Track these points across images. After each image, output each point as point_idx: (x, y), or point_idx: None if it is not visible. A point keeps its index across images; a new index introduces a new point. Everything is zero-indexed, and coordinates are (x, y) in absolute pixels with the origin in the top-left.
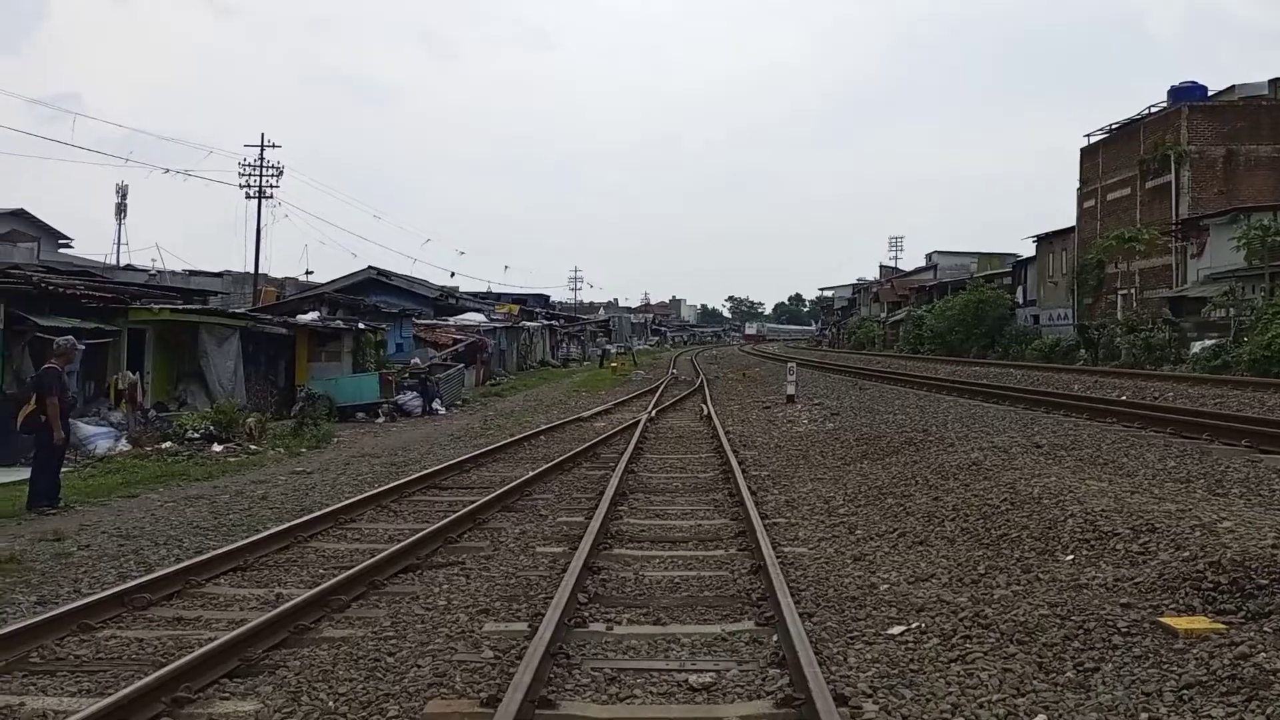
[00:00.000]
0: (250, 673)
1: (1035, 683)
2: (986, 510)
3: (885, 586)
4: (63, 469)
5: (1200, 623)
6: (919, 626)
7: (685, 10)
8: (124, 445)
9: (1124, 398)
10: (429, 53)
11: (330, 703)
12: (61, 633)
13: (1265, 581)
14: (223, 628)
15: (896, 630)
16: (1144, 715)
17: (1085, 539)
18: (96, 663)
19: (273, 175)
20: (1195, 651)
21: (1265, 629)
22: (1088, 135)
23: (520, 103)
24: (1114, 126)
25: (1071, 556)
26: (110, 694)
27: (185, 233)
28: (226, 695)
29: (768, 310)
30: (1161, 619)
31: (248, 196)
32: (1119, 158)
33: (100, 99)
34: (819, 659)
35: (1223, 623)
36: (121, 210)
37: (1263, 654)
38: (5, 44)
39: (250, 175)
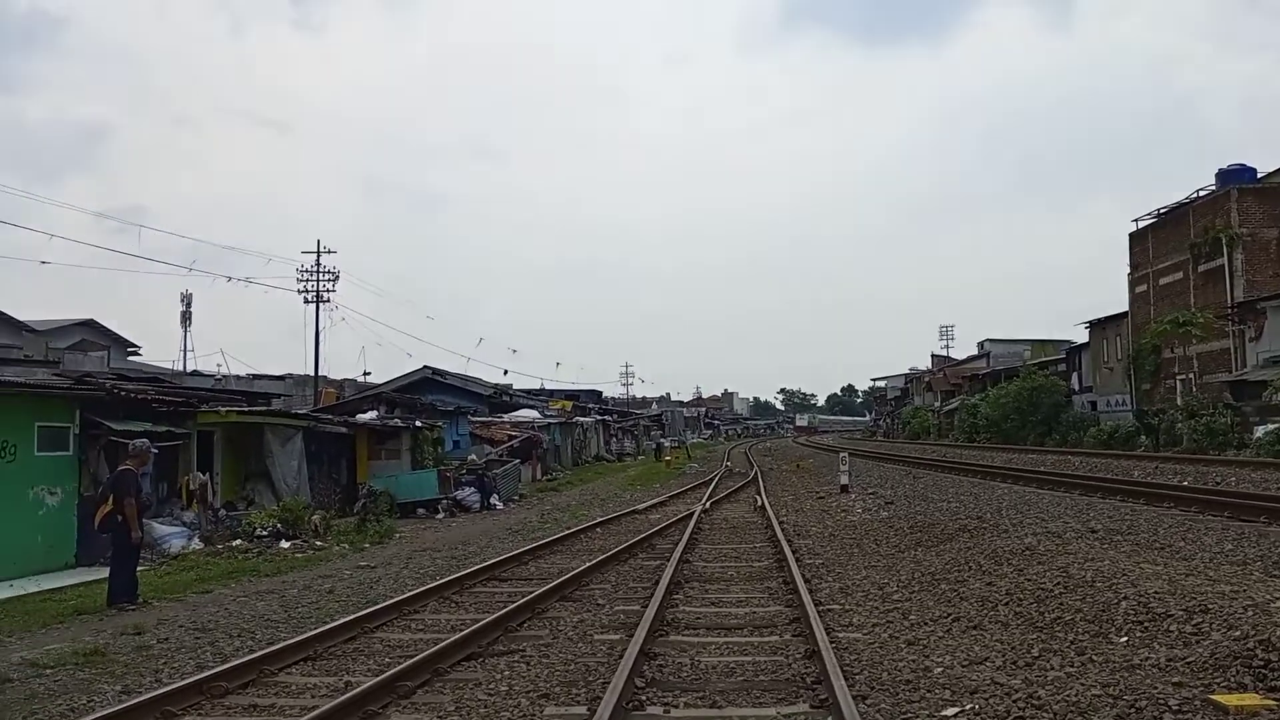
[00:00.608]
0: None
1: None
2: (1040, 594)
3: (939, 670)
4: (139, 567)
5: (1251, 699)
6: (973, 708)
7: (721, 131)
8: (196, 544)
9: (1185, 483)
10: (477, 158)
11: None
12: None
13: None
14: (295, 714)
15: (950, 712)
16: None
17: (1139, 620)
18: None
19: (329, 280)
20: None
21: None
22: (1135, 220)
23: (569, 201)
24: (1162, 211)
25: (1125, 638)
26: None
27: (247, 338)
28: None
29: (820, 401)
30: (1213, 696)
31: (305, 301)
32: (1169, 242)
33: (164, 211)
34: None
35: (1274, 699)
36: (186, 318)
37: None
38: (76, 163)
39: (307, 281)
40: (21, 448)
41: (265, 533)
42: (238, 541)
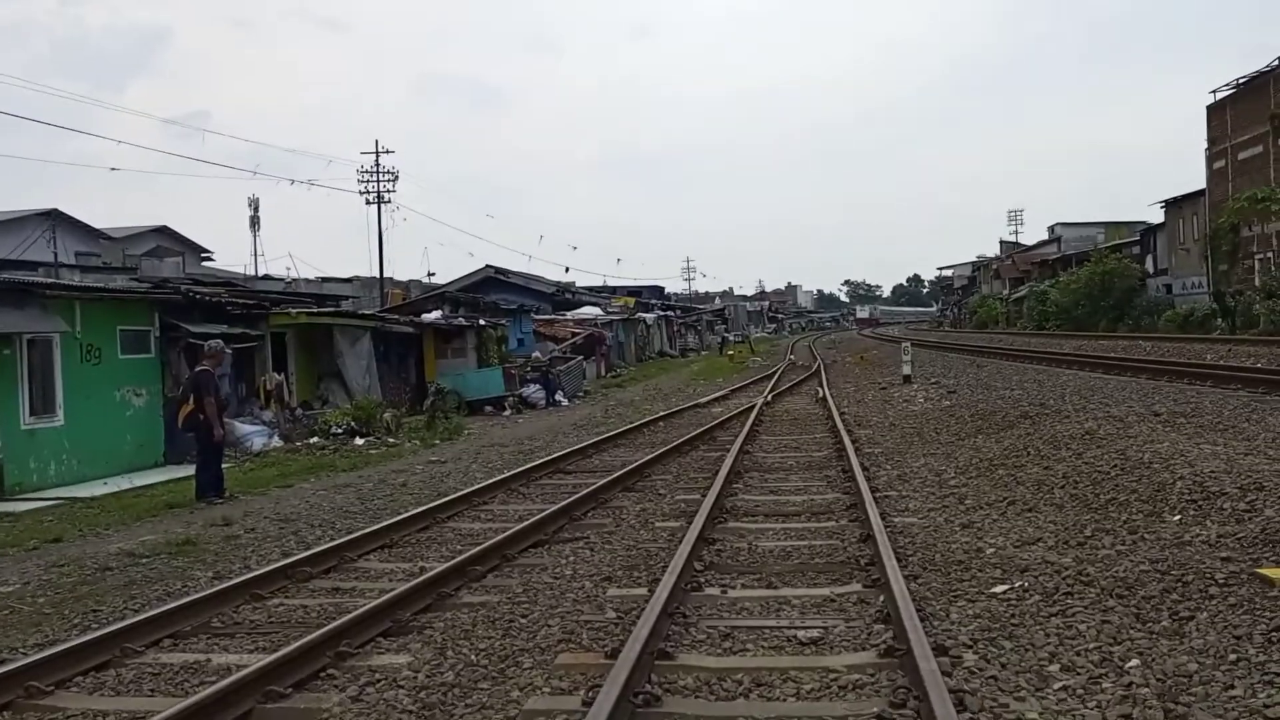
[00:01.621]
0: (401, 632)
1: (1131, 632)
2: (1096, 477)
3: (991, 551)
4: (223, 463)
5: None
6: (1022, 585)
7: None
8: (276, 441)
9: (1261, 365)
10: (537, 54)
11: (472, 656)
12: (237, 601)
13: None
14: (375, 595)
15: (1000, 589)
16: (1232, 655)
17: (1193, 499)
18: (268, 625)
19: (389, 180)
20: None
21: None
22: (1213, 92)
23: (625, 99)
24: (1241, 81)
25: (1178, 517)
26: (282, 649)
27: (314, 241)
28: (382, 651)
29: (886, 293)
30: (1260, 570)
31: (367, 203)
32: (1249, 114)
33: (226, 116)
34: (921, 615)
35: None
36: (255, 222)
37: None
38: (137, 64)
39: (368, 182)
40: (106, 350)
41: (340, 430)
42: (314, 439)
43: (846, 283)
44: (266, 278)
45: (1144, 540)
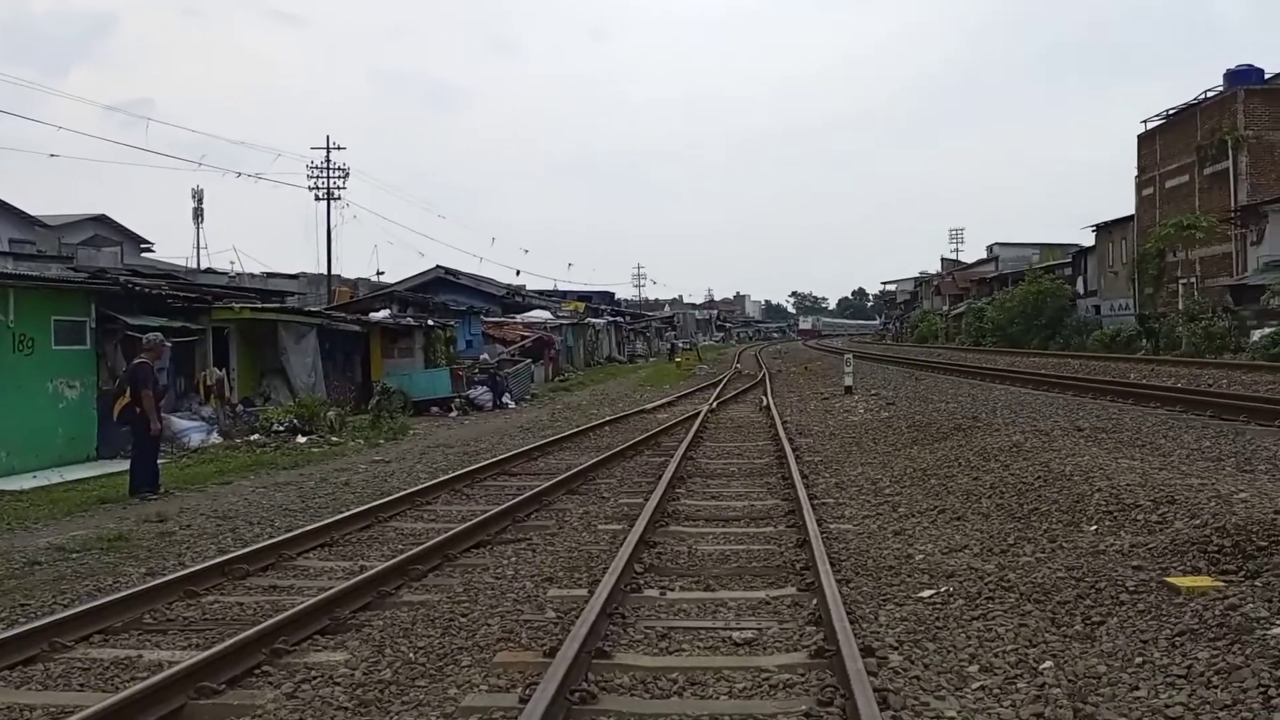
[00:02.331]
0: (339, 630)
1: (1047, 635)
2: (1021, 488)
3: (920, 557)
4: (159, 458)
5: (1202, 581)
6: (947, 590)
7: (750, 10)
8: (215, 438)
9: (1178, 385)
10: (491, 52)
11: (411, 654)
12: (170, 598)
13: (1265, 544)
14: (314, 593)
15: (926, 594)
16: (1139, 658)
17: (1109, 511)
18: (203, 622)
19: (339, 177)
20: (1192, 605)
21: (1256, 585)
22: (1144, 122)
23: (581, 102)
24: (1171, 112)
25: (1095, 527)
26: (215, 646)
27: (261, 235)
28: (319, 648)
29: (832, 305)
30: (1168, 579)
31: (316, 199)
32: (1177, 144)
33: (171, 105)
34: (851, 618)
35: (1222, 581)
36: (199, 214)
37: (1250, 605)
38: (81, 50)
39: (318, 178)
40: (39, 341)
41: (282, 428)
42: (255, 436)
43: (794, 294)
44: (209, 271)
45: (1062, 549)
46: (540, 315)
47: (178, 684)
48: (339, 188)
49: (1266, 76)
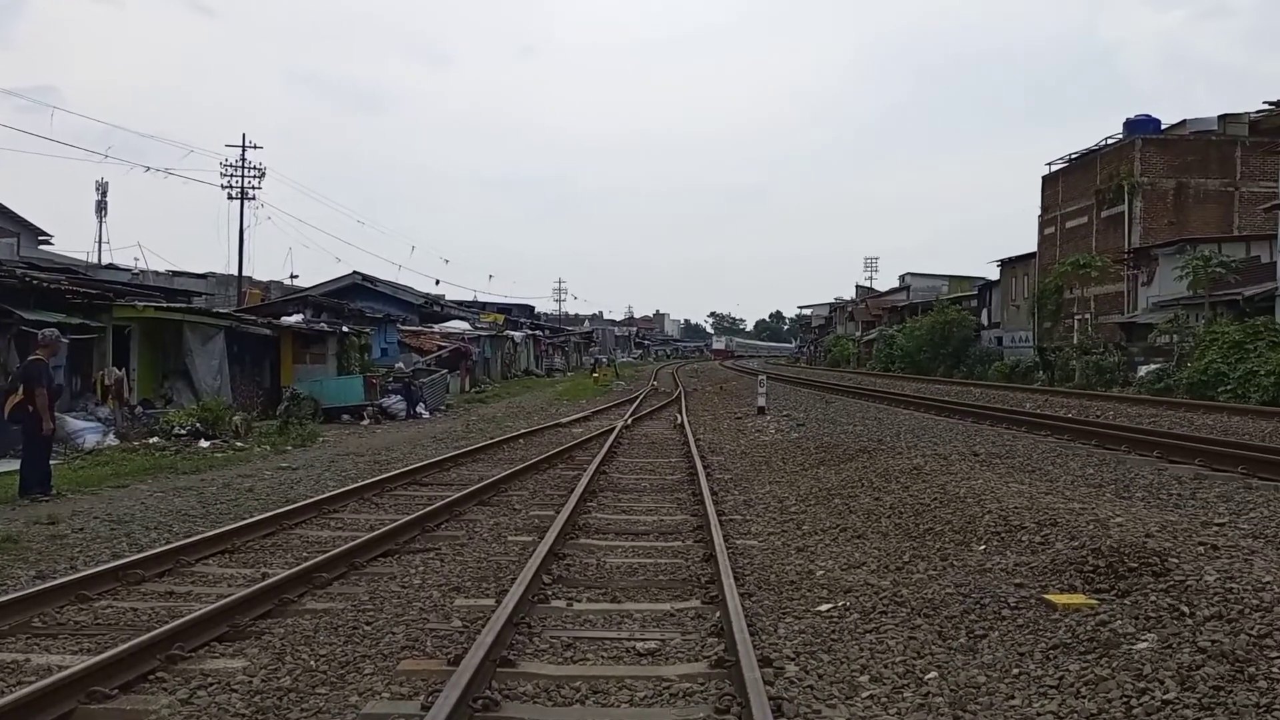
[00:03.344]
0: (238, 637)
1: (933, 648)
2: (919, 508)
3: (821, 573)
4: (52, 459)
5: (1077, 599)
6: (844, 604)
7: (671, 39)
8: (111, 440)
9: (1068, 415)
10: (416, 60)
11: (312, 662)
12: (61, 602)
13: (1135, 565)
14: (212, 600)
15: (824, 608)
16: (1015, 670)
17: (997, 531)
18: (95, 627)
19: (255, 176)
20: (1067, 621)
21: (1125, 603)
22: (1048, 164)
23: (508, 116)
24: (1074, 156)
25: (983, 546)
26: (108, 650)
27: (167, 233)
28: (216, 655)
29: (749, 326)
30: (1046, 596)
31: (230, 197)
32: (1078, 186)
33: (78, 93)
34: (752, 630)
35: (1096, 598)
36: (102, 208)
37: (1118, 622)
38: None
39: (232, 175)
40: None
41: (184, 431)
42: (155, 439)
43: (712, 314)
44: (111, 267)
45: (953, 566)
46: (459, 326)
47: (68, 688)
48: (254, 187)
49: (1163, 127)
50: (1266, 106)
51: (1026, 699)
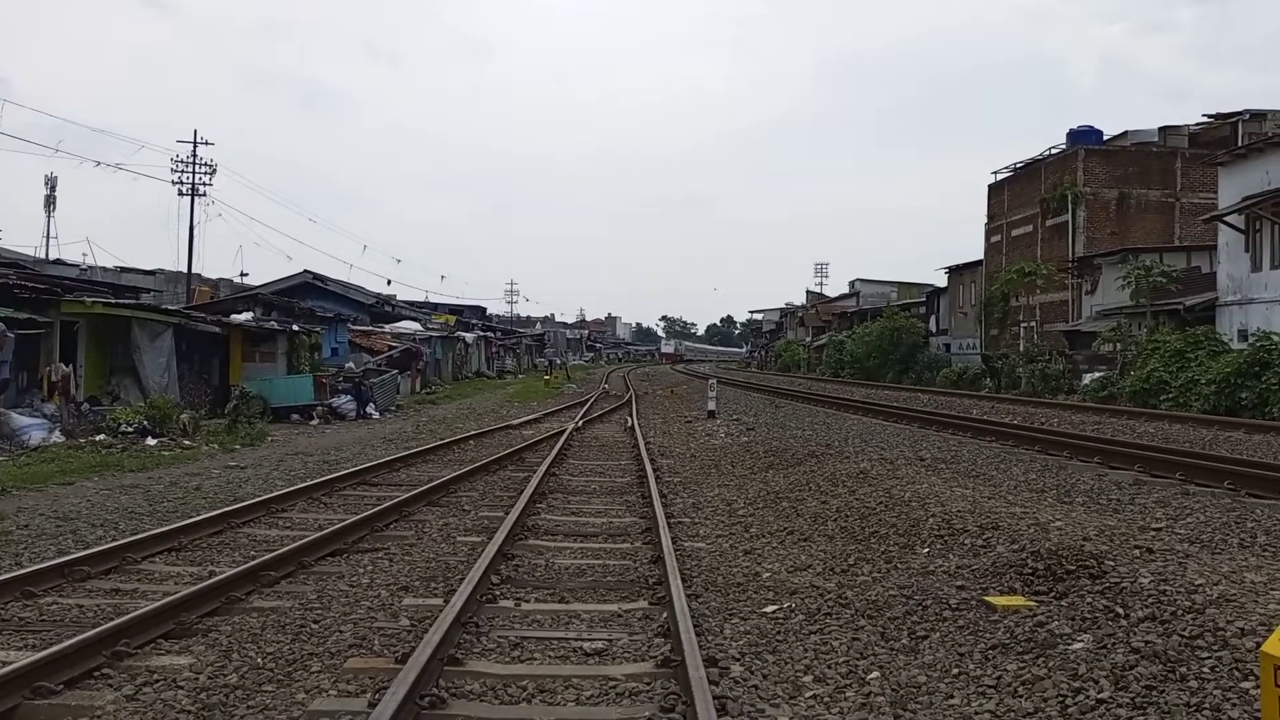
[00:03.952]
0: (185, 634)
1: (876, 648)
2: (864, 512)
3: (767, 575)
4: None
5: (1017, 600)
6: (789, 606)
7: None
8: (57, 437)
9: (1013, 421)
10: (371, 61)
11: (259, 659)
12: (6, 598)
13: (1073, 567)
14: (159, 597)
15: (770, 609)
16: (955, 670)
17: (940, 535)
18: (40, 624)
19: (206, 173)
20: (1006, 622)
21: (1063, 604)
22: (994, 173)
23: (460, 115)
24: (1019, 165)
25: (927, 549)
26: (53, 646)
27: (117, 229)
28: (163, 652)
29: (701, 331)
30: (986, 598)
31: (180, 194)
32: (1023, 195)
33: (29, 86)
34: (698, 631)
35: (1035, 600)
36: (50, 202)
37: (1055, 623)
38: None
39: (183, 172)
40: None
41: (131, 429)
42: (101, 436)
43: (664, 318)
44: (59, 262)
45: (897, 569)
46: (410, 326)
47: (12, 683)
48: (205, 184)
49: (1105, 138)
50: (1205, 119)
51: (966, 698)
